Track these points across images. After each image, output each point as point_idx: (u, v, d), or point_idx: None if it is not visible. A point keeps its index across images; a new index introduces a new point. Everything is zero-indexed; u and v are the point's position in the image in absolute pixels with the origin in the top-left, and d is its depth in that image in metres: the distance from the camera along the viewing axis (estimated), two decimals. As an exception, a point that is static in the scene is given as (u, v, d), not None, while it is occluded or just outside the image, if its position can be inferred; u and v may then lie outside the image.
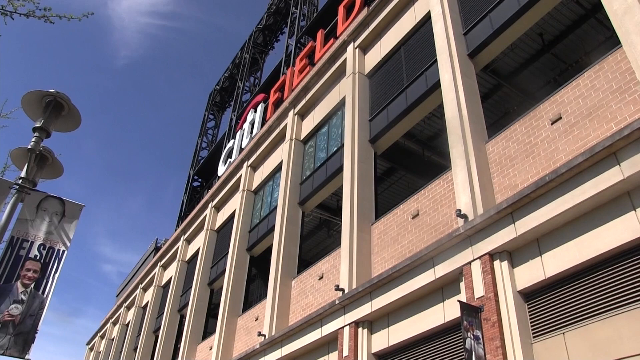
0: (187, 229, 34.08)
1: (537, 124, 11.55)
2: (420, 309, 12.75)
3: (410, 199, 14.75)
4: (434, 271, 12.21)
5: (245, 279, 24.01)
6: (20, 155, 7.01)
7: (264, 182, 25.43)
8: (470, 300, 10.90)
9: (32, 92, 7.04)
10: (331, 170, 19.30)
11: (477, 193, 11.85)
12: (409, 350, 12.93)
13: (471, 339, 10.17)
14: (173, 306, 31.75)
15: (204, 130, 50.43)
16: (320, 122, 21.78)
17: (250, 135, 31.21)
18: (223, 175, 30.55)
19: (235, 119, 39.91)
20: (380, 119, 17.46)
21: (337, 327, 14.90)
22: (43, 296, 6.24)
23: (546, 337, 9.71)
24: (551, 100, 11.40)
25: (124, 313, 44.21)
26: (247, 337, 21.01)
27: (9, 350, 5.79)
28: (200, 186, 47.64)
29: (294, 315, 18.28)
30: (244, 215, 25.41)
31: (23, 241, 6.51)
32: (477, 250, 11.24)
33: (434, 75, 15.16)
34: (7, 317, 5.90)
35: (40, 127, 7.07)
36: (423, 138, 19.70)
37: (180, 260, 33.37)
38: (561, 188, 9.85)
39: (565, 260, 9.75)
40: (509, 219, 10.74)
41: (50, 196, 6.95)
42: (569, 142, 10.57)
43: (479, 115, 13.45)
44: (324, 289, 16.97)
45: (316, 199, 20.78)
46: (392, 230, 14.94)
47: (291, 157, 22.26)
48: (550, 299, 9.98)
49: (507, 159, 12.01)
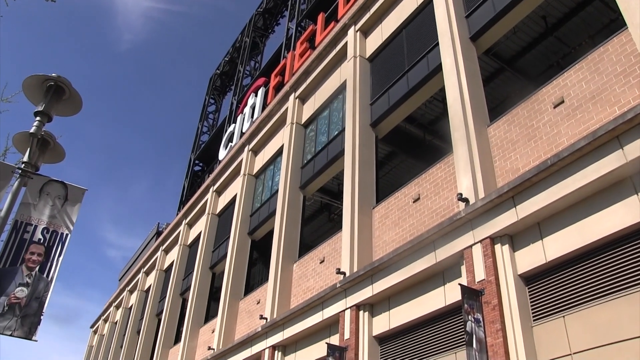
0: (188, 213, 34.14)
1: (539, 107, 11.51)
2: (421, 293, 12.81)
3: (411, 183, 14.75)
4: (435, 255, 12.25)
5: (247, 263, 24.11)
6: (22, 140, 7.02)
7: (265, 166, 25.43)
8: (471, 284, 10.95)
9: (33, 77, 7.04)
10: (332, 154, 19.29)
11: (478, 177, 11.85)
12: (410, 333, 13.02)
13: (472, 322, 10.24)
14: (175, 290, 31.91)
15: (204, 114, 50.32)
16: (321, 106, 21.72)
17: (251, 120, 31.14)
18: (224, 160, 30.53)
19: (235, 103, 39.77)
20: (381, 103, 17.41)
21: (338, 311, 14.98)
22: (48, 279, 6.29)
23: (546, 321, 9.76)
24: (554, 83, 11.35)
25: (126, 297, 44.44)
26: (249, 320, 21.14)
27: (16, 332, 5.88)
28: (202, 170, 47.64)
29: (296, 299, 18.37)
30: (245, 200, 25.45)
31: (27, 225, 6.55)
32: (478, 234, 11.26)
33: (436, 58, 15.09)
34: (13, 299, 5.97)
35: (41, 112, 7.09)
36: (424, 122, 19.64)
37: (182, 245, 33.48)
38: (563, 172, 9.84)
39: (566, 244, 9.77)
40: (510, 202, 10.74)
41: (52, 180, 6.97)
42: (572, 125, 10.54)
43: (480, 99, 13.41)
44: (325, 272, 17.04)
45: (317, 183, 20.79)
46: (393, 214, 14.96)
47: (292, 141, 22.23)
48: (550, 282, 10.01)
49: (509, 142, 11.98)
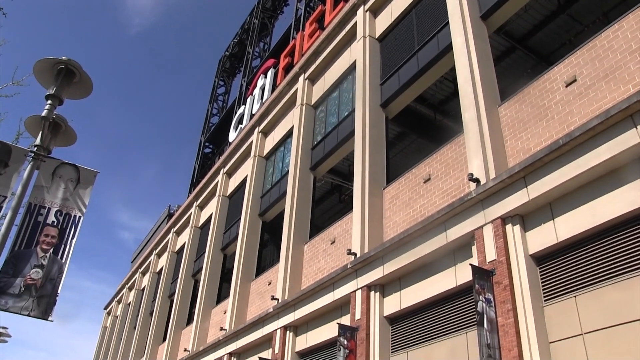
0: (199, 195, 34.28)
1: (551, 86, 11.40)
2: (432, 273, 12.84)
3: (421, 163, 14.72)
4: (446, 235, 12.25)
5: (258, 244, 24.24)
6: (34, 123, 7.06)
7: (275, 148, 25.43)
8: (482, 264, 10.96)
9: (43, 60, 7.05)
10: (342, 135, 19.24)
11: (489, 157, 11.79)
12: (420, 313, 13.08)
13: (483, 302, 10.27)
14: (187, 271, 32.17)
15: (214, 96, 50.27)
16: (331, 86, 21.63)
17: (260, 101, 31.08)
18: (234, 142, 30.55)
19: (245, 84, 39.67)
20: (391, 83, 17.31)
21: (349, 291, 15.06)
22: (62, 261, 6.38)
23: (558, 300, 9.77)
24: (566, 62, 11.22)
25: (139, 278, 44.86)
26: (261, 301, 21.31)
27: (33, 312, 5.99)
28: (212, 152, 47.73)
29: (307, 280, 18.48)
30: (255, 181, 25.50)
31: (40, 207, 6.63)
32: (489, 214, 11.24)
33: (446, 38, 14.95)
34: (29, 280, 6.07)
35: (52, 95, 7.11)
36: (435, 102, 19.54)
37: (193, 226, 33.67)
38: (575, 152, 9.77)
39: (577, 224, 9.74)
40: (522, 183, 10.70)
41: (65, 163, 7.02)
42: (584, 105, 10.43)
43: (491, 79, 13.29)
44: (336, 253, 17.10)
45: (327, 164, 20.79)
46: (403, 194, 14.95)
47: (302, 122, 22.19)
48: (562, 262, 10.00)
49: (520, 122, 11.90)
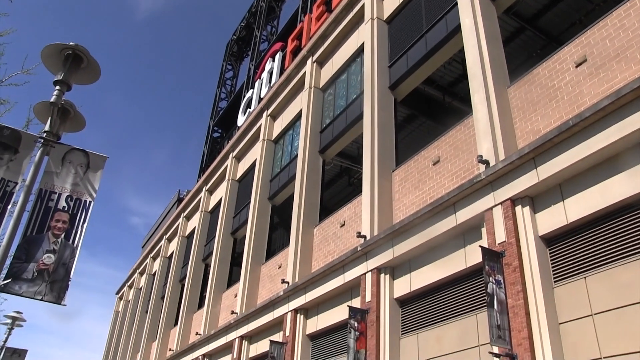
0: (208, 179, 34.37)
1: (561, 67, 11.29)
2: (442, 255, 12.85)
3: (431, 146, 14.67)
4: (456, 217, 12.24)
5: (268, 228, 24.32)
6: (43, 109, 7.09)
7: (284, 131, 25.41)
8: (492, 246, 10.96)
9: (51, 46, 7.06)
10: (351, 117, 19.19)
11: (498, 138, 11.74)
12: (430, 295, 13.12)
13: (493, 284, 10.28)
14: (197, 256, 32.37)
15: (222, 80, 50.15)
16: (339, 69, 21.54)
17: (269, 85, 31.00)
18: (243, 126, 30.54)
19: (253, 68, 39.55)
20: (399, 65, 17.21)
21: (359, 274, 15.12)
22: (73, 246, 6.45)
23: (568, 282, 9.77)
24: (576, 42, 11.09)
25: (150, 263, 45.18)
26: (271, 285, 21.43)
27: (47, 297, 6.07)
28: (221, 137, 47.74)
29: (317, 263, 18.55)
30: (264, 165, 25.52)
31: (51, 193, 6.69)
32: (499, 195, 11.22)
33: (454, 19, 14.80)
34: (41, 265, 6.15)
35: (61, 81, 7.12)
36: (443, 84, 19.42)
37: (203, 211, 33.80)
38: (585, 132, 9.70)
39: (587, 205, 9.70)
40: (531, 164, 10.65)
41: (74, 149, 7.06)
42: (594, 85, 10.33)
43: (500, 60, 13.18)
44: (346, 236, 17.14)
45: (336, 147, 20.76)
46: (413, 177, 14.93)
47: (310, 106, 22.14)
48: (572, 243, 9.98)
49: (530, 103, 11.81)
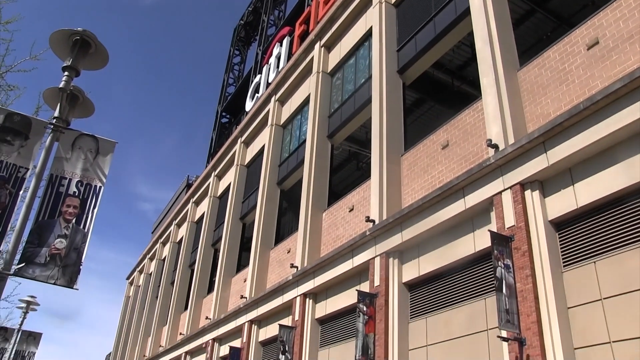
0: (217, 165, 34.43)
1: (572, 49, 11.18)
2: (451, 239, 12.85)
3: (439, 130, 14.62)
4: (464, 201, 12.23)
5: (277, 213, 24.38)
6: (52, 95, 7.12)
7: (292, 116, 25.38)
8: (501, 230, 10.94)
9: (59, 31, 7.07)
10: (359, 102, 19.13)
11: (508, 122, 11.67)
12: (439, 279, 13.14)
13: (501, 268, 10.28)
14: (207, 241, 32.54)
15: (230, 66, 50.01)
16: (347, 53, 21.44)
17: (276, 70, 30.90)
18: (251, 111, 30.51)
19: (261, 53, 39.41)
20: (408, 49, 17.10)
21: (368, 258, 15.16)
22: (84, 230, 6.51)
23: (577, 266, 9.75)
24: (588, 24, 10.96)
25: (159, 249, 45.47)
26: (280, 269, 21.54)
27: (59, 281, 6.16)
28: (229, 122, 47.71)
29: (325, 247, 18.61)
30: (273, 150, 25.53)
31: (62, 178, 6.74)
32: (508, 180, 11.18)
33: (464, 1, 14.66)
34: (54, 250, 6.23)
35: (69, 66, 7.14)
36: (452, 67, 19.29)
37: (211, 196, 33.92)
38: (596, 116, 9.63)
39: (598, 189, 9.65)
40: (541, 148, 10.60)
41: (84, 134, 7.10)
42: (606, 68, 10.23)
43: (510, 43, 13.07)
44: (355, 220, 17.16)
45: (345, 132, 20.73)
46: (421, 161, 14.90)
47: (319, 90, 22.08)
48: (581, 228, 9.95)
49: (540, 87, 11.72)
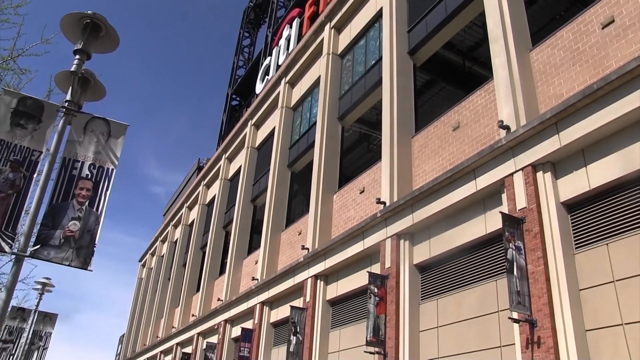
0: (227, 147, 34.48)
1: (586, 29, 11.02)
2: (462, 221, 12.84)
3: (450, 111, 14.54)
4: (476, 183, 12.19)
5: (287, 195, 24.45)
6: (63, 79, 7.15)
7: (302, 98, 25.33)
8: (512, 212, 10.91)
9: (69, 15, 7.08)
10: (370, 83, 19.05)
11: (520, 103, 11.58)
12: (450, 261, 13.15)
13: (513, 250, 10.27)
14: (218, 223, 32.71)
15: (239, 48, 49.86)
16: (357, 35, 21.30)
17: (286, 52, 30.79)
18: (261, 93, 30.47)
19: (270, 35, 39.24)
20: (418, 30, 16.96)
21: (378, 240, 15.19)
22: (97, 213, 6.60)
23: (589, 248, 9.71)
24: (603, 2, 10.77)
25: (171, 231, 45.77)
26: (291, 251, 21.64)
27: (73, 262, 6.25)
28: (239, 105, 47.70)
29: (336, 229, 18.66)
30: (283, 132, 25.52)
31: (74, 161, 6.81)
32: (520, 161, 11.12)
33: (476, -19, 14.50)
34: (67, 232, 6.32)
35: (80, 50, 7.17)
36: (464, 48, 19.12)
37: (222, 179, 34.02)
38: (610, 96, 9.51)
39: (611, 171, 9.57)
40: (553, 129, 10.51)
41: (95, 117, 7.14)
42: (621, 47, 10.08)
43: (522, 23, 12.91)
44: (365, 202, 17.17)
45: (355, 114, 20.67)
46: (432, 142, 14.85)
47: (329, 72, 21.99)
48: (594, 210, 9.89)
49: (552, 67, 11.60)
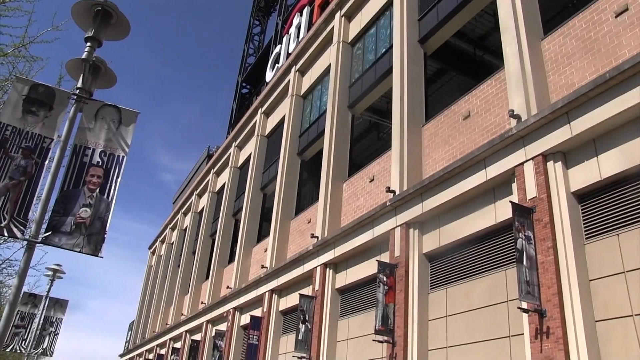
0: (237, 135, 34.52)
1: (598, 17, 10.91)
2: (471, 210, 12.82)
3: (461, 100, 14.47)
4: (486, 172, 12.15)
5: (297, 183, 24.47)
6: (75, 66, 7.18)
7: (312, 86, 25.27)
8: (522, 202, 10.88)
9: (80, 2, 7.09)
10: (380, 72, 18.98)
11: (531, 93, 11.51)
12: (459, 250, 13.14)
13: (522, 240, 10.24)
14: (227, 211, 32.83)
15: (250, 36, 49.84)
16: (367, 23, 21.20)
17: (297, 40, 30.72)
18: (271, 81, 30.44)
19: (281, 23, 39.18)
20: (429, 18, 16.85)
21: (388, 229, 15.20)
22: (108, 200, 6.64)
23: (599, 239, 9.67)
24: (616, -10, 10.69)
25: (181, 219, 45.99)
26: (301, 239, 21.70)
27: (85, 249, 6.33)
28: (249, 93, 47.73)
29: (346, 218, 18.68)
30: (293, 120, 25.51)
31: (85, 149, 6.85)
32: (530, 151, 11.06)
33: (488, -32, 14.38)
34: (79, 219, 6.38)
35: (91, 37, 7.18)
36: (475, 37, 18.99)
37: (232, 167, 34.09)
38: (622, 86, 9.43)
39: (623, 161, 9.50)
40: (564, 118, 10.44)
41: (106, 104, 7.17)
42: (635, 36, 9.97)
43: (534, 11, 12.79)
44: (375, 191, 17.17)
45: (365, 102, 20.61)
46: (442, 131, 14.80)
47: (339, 60, 21.93)
48: (605, 200, 9.83)
49: (564, 56, 11.50)
